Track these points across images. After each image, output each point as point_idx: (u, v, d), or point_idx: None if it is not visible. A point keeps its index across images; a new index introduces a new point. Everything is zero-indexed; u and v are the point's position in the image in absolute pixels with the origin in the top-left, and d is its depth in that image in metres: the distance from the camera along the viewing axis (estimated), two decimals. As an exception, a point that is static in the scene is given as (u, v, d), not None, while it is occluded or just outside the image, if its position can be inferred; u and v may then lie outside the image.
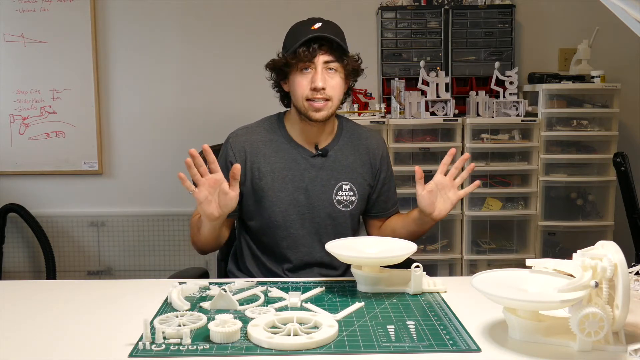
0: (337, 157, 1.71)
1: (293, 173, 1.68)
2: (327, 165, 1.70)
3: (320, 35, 1.59)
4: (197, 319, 1.19)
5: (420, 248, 2.98)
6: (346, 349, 1.07)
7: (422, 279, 1.39)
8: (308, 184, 1.67)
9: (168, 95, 3.30)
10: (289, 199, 1.66)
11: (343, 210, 1.70)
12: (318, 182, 1.68)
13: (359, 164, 1.73)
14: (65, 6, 3.21)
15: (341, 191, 1.69)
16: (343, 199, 1.70)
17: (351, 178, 1.71)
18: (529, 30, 3.25)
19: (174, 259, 3.31)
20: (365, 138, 1.77)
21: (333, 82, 1.62)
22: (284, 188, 1.66)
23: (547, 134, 2.88)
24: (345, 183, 1.70)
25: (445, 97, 2.93)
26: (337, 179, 1.70)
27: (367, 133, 1.80)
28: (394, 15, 3.14)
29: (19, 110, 3.27)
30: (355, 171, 1.72)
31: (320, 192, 1.68)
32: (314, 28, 1.61)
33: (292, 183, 1.67)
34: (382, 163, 1.78)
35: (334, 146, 1.72)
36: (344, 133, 1.76)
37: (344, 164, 1.71)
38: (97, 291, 1.42)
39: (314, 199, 1.68)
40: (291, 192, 1.67)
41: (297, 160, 1.69)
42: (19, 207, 3.24)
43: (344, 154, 1.73)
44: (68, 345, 1.11)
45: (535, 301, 1.09)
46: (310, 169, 1.69)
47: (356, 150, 1.74)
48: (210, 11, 3.25)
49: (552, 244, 2.96)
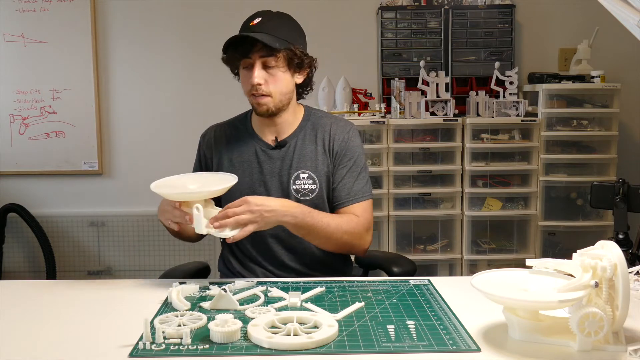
0: (297, 147, 1.71)
1: (252, 165, 1.72)
2: (286, 156, 1.71)
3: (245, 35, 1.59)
4: (197, 319, 1.19)
5: (420, 248, 2.99)
6: (346, 349, 1.07)
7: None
8: (266, 175, 1.71)
9: (168, 95, 3.30)
10: (247, 191, 1.68)
11: (302, 200, 1.67)
12: (275, 172, 1.71)
13: (319, 151, 1.71)
14: (65, 6, 3.21)
15: (298, 180, 1.69)
16: (301, 188, 1.68)
17: (310, 167, 1.70)
18: (529, 30, 3.25)
19: (174, 259, 3.31)
20: (328, 125, 1.74)
21: (271, 78, 1.63)
22: (243, 180, 1.69)
23: (547, 134, 2.88)
24: (303, 172, 1.69)
25: (445, 97, 2.93)
26: (294, 168, 1.69)
27: (330, 120, 1.76)
28: (394, 15, 3.14)
29: (19, 110, 3.27)
30: (314, 159, 1.70)
31: (278, 182, 1.70)
32: (252, 24, 1.62)
33: (250, 175, 1.71)
34: (342, 148, 1.71)
35: (295, 137, 1.72)
36: (308, 124, 1.75)
37: (302, 153, 1.70)
38: (97, 291, 1.42)
39: (272, 190, 1.69)
40: (250, 184, 1.70)
41: (256, 152, 1.73)
42: (19, 207, 3.24)
43: (304, 143, 1.72)
44: (68, 345, 1.11)
45: (535, 301, 1.09)
46: (268, 160, 1.71)
47: (317, 139, 1.72)
48: (210, 11, 3.25)
49: (552, 244, 2.96)
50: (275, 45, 1.58)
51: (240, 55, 1.63)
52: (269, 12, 1.68)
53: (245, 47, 1.61)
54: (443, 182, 2.94)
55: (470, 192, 2.91)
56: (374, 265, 1.93)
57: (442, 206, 2.97)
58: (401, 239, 2.97)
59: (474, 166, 2.88)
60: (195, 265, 1.83)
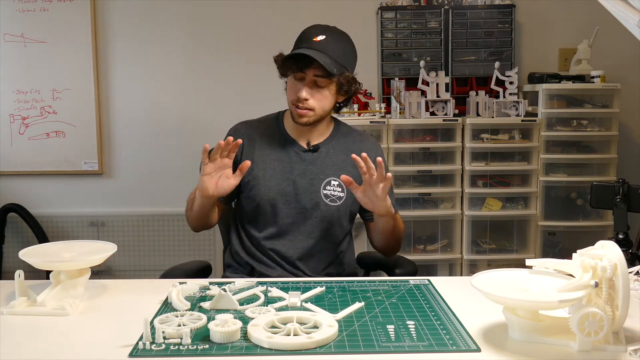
0: (329, 154, 1.77)
1: (283, 165, 1.75)
2: (318, 161, 1.76)
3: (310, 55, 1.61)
4: (197, 319, 1.19)
5: (420, 248, 2.98)
6: (346, 349, 1.07)
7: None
8: (296, 176, 1.74)
9: (168, 95, 3.30)
10: (277, 188, 1.73)
11: (330, 205, 1.73)
12: (307, 175, 1.74)
13: (350, 163, 1.72)
14: (65, 6, 3.21)
15: (329, 186, 1.74)
16: (331, 194, 1.74)
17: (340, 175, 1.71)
18: (529, 30, 3.25)
19: (174, 259, 3.30)
20: (360, 141, 1.82)
21: (319, 95, 1.68)
22: (273, 177, 1.73)
23: (547, 134, 2.88)
24: (334, 179, 1.75)
25: (445, 97, 2.93)
26: (326, 174, 1.75)
27: (361, 137, 1.85)
28: (394, 15, 3.14)
29: (19, 110, 3.27)
30: (345, 170, 1.73)
31: (308, 184, 1.73)
32: (315, 40, 1.65)
33: (281, 174, 1.74)
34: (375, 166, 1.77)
35: (327, 144, 1.79)
36: (339, 135, 1.81)
37: (334, 162, 1.77)
38: (97, 291, 1.42)
39: (301, 190, 1.73)
40: (279, 182, 1.73)
41: (289, 153, 1.76)
42: (19, 207, 3.23)
43: (336, 152, 1.78)
44: (68, 345, 1.11)
45: (535, 301, 1.09)
46: (300, 162, 1.75)
47: (349, 151, 1.75)
48: (211, 11, 3.25)
49: (552, 244, 2.96)
50: (334, 70, 1.62)
51: (295, 68, 1.65)
52: (333, 30, 1.71)
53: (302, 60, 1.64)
54: (443, 182, 2.94)
55: (470, 192, 2.91)
56: (375, 267, 1.94)
57: (442, 206, 2.97)
58: (401, 239, 2.97)
59: (474, 166, 2.88)
60: (196, 264, 1.85)
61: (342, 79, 1.67)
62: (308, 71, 1.64)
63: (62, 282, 1.33)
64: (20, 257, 1.33)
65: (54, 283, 1.33)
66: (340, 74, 1.66)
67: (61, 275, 1.33)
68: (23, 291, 1.30)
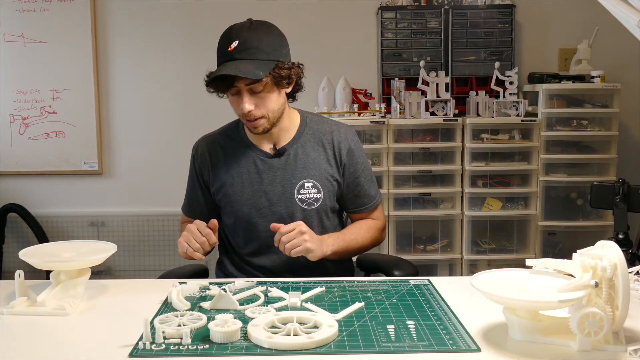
0: (298, 154, 1.68)
1: (251, 177, 1.68)
2: (287, 165, 1.67)
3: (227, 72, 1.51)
4: (197, 319, 1.19)
5: (420, 248, 2.98)
6: (346, 349, 1.07)
7: None
8: (267, 186, 1.67)
9: (168, 95, 3.30)
10: (249, 203, 1.67)
11: (307, 209, 1.66)
12: (277, 182, 1.67)
13: (322, 159, 1.69)
14: (65, 6, 3.21)
15: (303, 189, 1.66)
16: (306, 197, 1.66)
17: (314, 175, 1.67)
18: (529, 30, 3.25)
19: (174, 259, 3.31)
20: (330, 132, 1.72)
21: (261, 101, 1.58)
22: (243, 192, 1.67)
23: (547, 134, 2.88)
24: (307, 181, 1.67)
25: (445, 97, 2.93)
26: (298, 177, 1.67)
27: (332, 127, 1.73)
28: (394, 15, 3.14)
29: (19, 110, 3.27)
30: (318, 167, 1.68)
31: (280, 192, 1.66)
32: (230, 50, 1.54)
33: (250, 187, 1.67)
34: (350, 156, 1.71)
35: (294, 144, 1.69)
36: (307, 130, 1.72)
37: (305, 162, 1.68)
38: (97, 291, 1.42)
39: (275, 200, 1.66)
40: (250, 196, 1.67)
41: (255, 162, 1.68)
42: (19, 207, 3.24)
43: (305, 150, 1.69)
44: (68, 345, 1.11)
45: (535, 301, 1.09)
46: (268, 170, 1.67)
47: (319, 146, 1.70)
48: (210, 11, 3.25)
49: (552, 244, 2.96)
50: (260, 74, 1.51)
51: (225, 87, 1.58)
52: (245, 28, 1.58)
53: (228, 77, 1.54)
54: (443, 182, 2.94)
55: (470, 192, 2.91)
56: (375, 269, 1.91)
57: (442, 206, 2.97)
58: (401, 239, 2.97)
59: (474, 166, 2.88)
60: (193, 267, 1.80)
61: (276, 73, 1.55)
62: (238, 83, 1.54)
63: (62, 282, 1.33)
64: (20, 257, 1.33)
65: (54, 283, 1.33)
66: (272, 70, 1.54)
67: (61, 275, 1.33)
68: (23, 291, 1.30)
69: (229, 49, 1.55)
